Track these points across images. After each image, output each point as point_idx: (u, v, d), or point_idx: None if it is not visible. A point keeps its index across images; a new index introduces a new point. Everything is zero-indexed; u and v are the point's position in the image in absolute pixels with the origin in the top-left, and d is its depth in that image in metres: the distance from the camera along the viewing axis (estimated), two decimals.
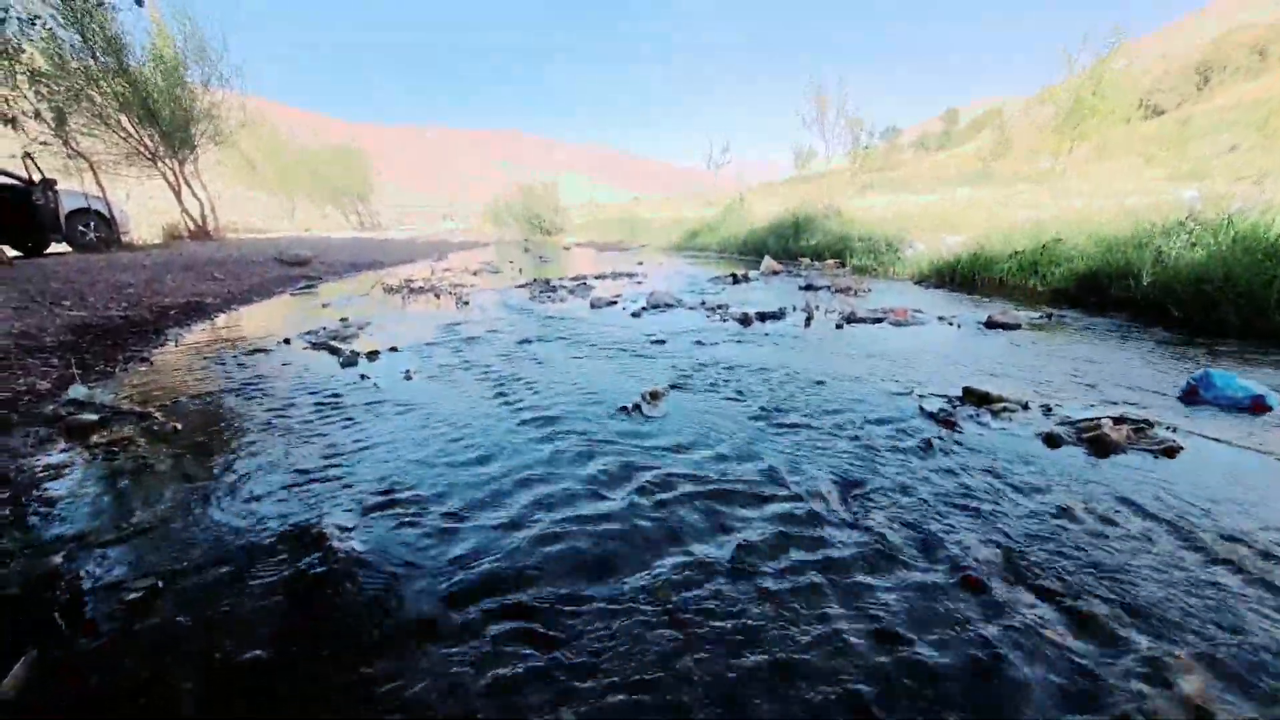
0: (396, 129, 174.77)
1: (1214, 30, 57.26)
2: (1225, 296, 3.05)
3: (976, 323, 3.33)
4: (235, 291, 5.61)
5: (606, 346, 2.99)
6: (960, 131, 65.94)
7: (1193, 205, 4.48)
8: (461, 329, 3.59)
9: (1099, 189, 9.22)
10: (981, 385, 2.22)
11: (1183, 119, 35.08)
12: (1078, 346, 2.81)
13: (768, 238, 8.01)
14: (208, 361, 2.93)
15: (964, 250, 5.07)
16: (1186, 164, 16.13)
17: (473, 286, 5.79)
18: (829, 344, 2.99)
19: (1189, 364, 2.48)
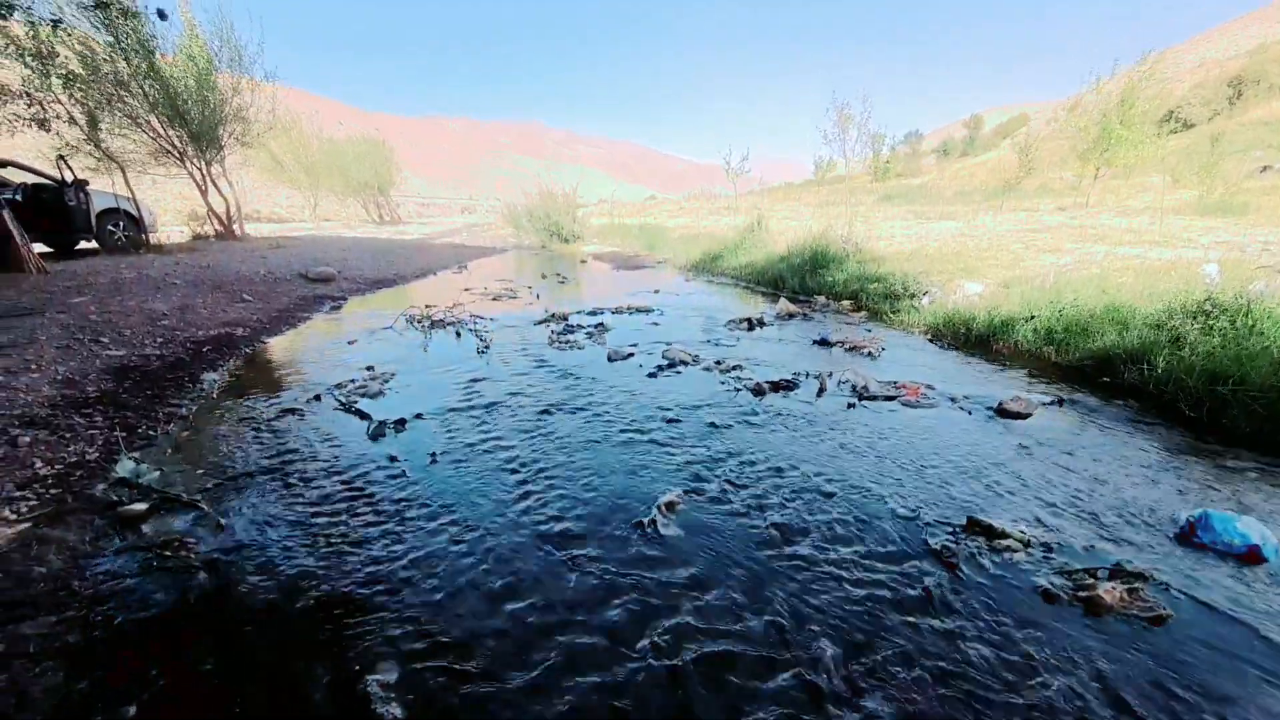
0: (418, 120, 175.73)
1: (1248, 41, 55.74)
2: (1238, 400, 3.08)
3: (987, 409, 3.37)
4: (264, 319, 5.79)
5: (625, 426, 3.09)
6: (984, 137, 65.01)
7: (1211, 282, 4.46)
8: (483, 388, 3.71)
9: (1122, 232, 9.13)
10: (987, 507, 2.29)
11: (1215, 134, 34.31)
12: (1083, 453, 2.85)
13: (785, 270, 8.04)
14: (243, 426, 3.08)
15: (980, 310, 5.10)
16: (1217, 189, 15.80)
17: (492, 321, 5.91)
18: (839, 431, 3.06)
19: (1193, 486, 2.52)
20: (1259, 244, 7.43)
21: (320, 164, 28.42)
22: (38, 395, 3.25)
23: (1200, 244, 7.45)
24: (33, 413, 3.03)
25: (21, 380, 3.42)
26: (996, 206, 17.80)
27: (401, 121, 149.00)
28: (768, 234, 11.36)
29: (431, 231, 27.57)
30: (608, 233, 20.84)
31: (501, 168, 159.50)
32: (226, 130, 14.65)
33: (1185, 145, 36.50)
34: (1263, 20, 65.78)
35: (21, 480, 2.42)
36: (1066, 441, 2.98)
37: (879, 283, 6.75)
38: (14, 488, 2.38)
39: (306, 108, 38.18)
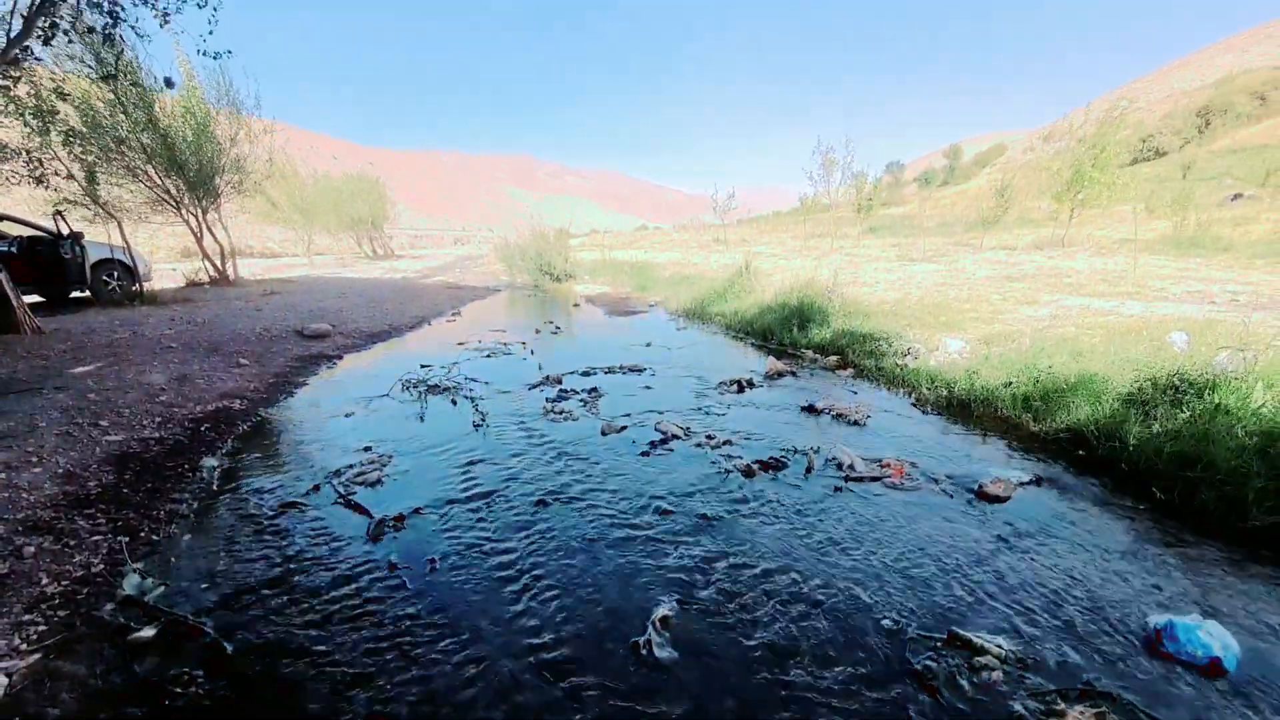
0: (412, 153, 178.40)
1: (1214, 72, 58.16)
2: (1207, 484, 3.23)
3: (968, 491, 3.50)
4: (260, 387, 5.86)
5: (619, 519, 3.18)
6: (964, 167, 67.01)
7: (1179, 350, 4.68)
8: (480, 473, 3.79)
9: (1096, 280, 9.46)
10: (968, 615, 2.40)
11: (1186, 162, 35.72)
12: (1059, 543, 2.98)
13: (773, 323, 8.24)
14: (245, 525, 3.14)
15: (961, 373, 5.28)
16: (1190, 222, 16.37)
17: (487, 385, 6.01)
18: (828, 522, 3.17)
19: (1165, 583, 2.64)
20: (1228, 294, 7.74)
21: (315, 203, 28.76)
22: (40, 495, 3.30)
23: (1172, 294, 7.74)
24: (36, 516, 3.08)
25: (24, 477, 3.47)
26: (977, 243, 18.32)
27: (395, 155, 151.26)
28: (755, 279, 11.62)
29: (424, 267, 27.81)
30: (599, 270, 21.15)
31: (493, 200, 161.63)
32: (224, 179, 14.87)
33: (1158, 173, 37.88)
34: (1226, 51, 68.82)
35: (30, 600, 2.47)
36: (1043, 529, 3.10)
37: (863, 339, 6.95)
38: (23, 609, 2.42)
39: (303, 143, 38.84)
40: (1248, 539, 2.95)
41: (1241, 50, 65.09)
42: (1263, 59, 55.71)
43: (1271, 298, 7.33)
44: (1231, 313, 6.37)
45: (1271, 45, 61.52)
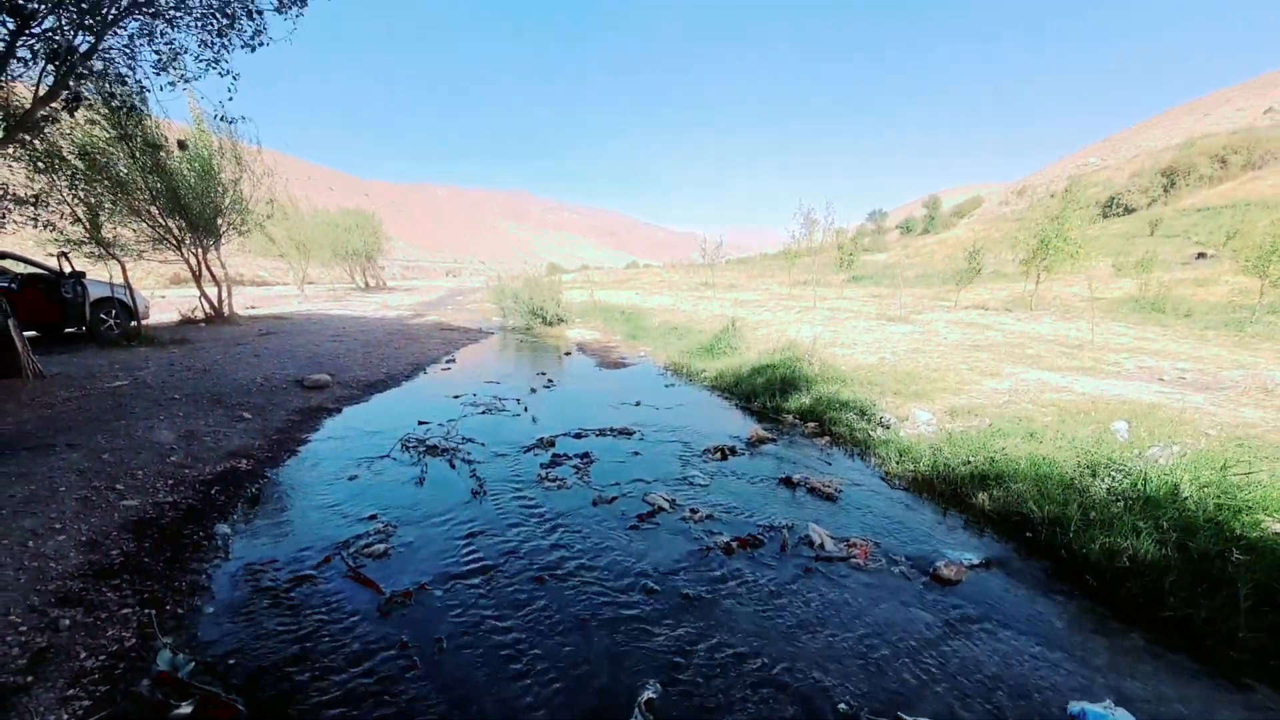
0: (407, 186, 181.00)
1: (1177, 134, 61.78)
2: (1131, 573, 3.64)
3: (924, 574, 3.88)
4: (265, 444, 6.12)
5: (610, 598, 3.49)
6: (943, 216, 69.78)
7: (1120, 439, 5.17)
8: (480, 546, 4.08)
9: (1056, 352, 10.09)
10: (914, 700, 2.74)
11: (1153, 220, 37.72)
12: (1000, 630, 3.35)
13: (757, 387, 8.69)
14: (261, 598, 3.40)
15: (927, 450, 5.72)
16: (1153, 286, 17.37)
17: (483, 447, 6.32)
18: (798, 604, 3.52)
19: (1088, 671, 3.01)
20: (1178, 371, 8.37)
21: (312, 238, 29.25)
22: (67, 565, 3.54)
23: (1125, 370, 8.35)
24: (67, 588, 3.32)
25: (49, 545, 3.70)
26: (952, 299, 19.21)
27: (391, 188, 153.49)
28: (740, 335, 12.16)
29: (417, 303, 28.19)
30: (590, 314, 21.68)
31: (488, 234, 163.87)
32: (225, 220, 15.26)
33: (1127, 229, 39.76)
34: (1189, 113, 73.22)
35: (71, 675, 2.71)
36: (988, 613, 3.47)
37: (840, 407, 7.41)
38: (66, 684, 2.66)
39: (299, 172, 39.45)
40: (1163, 628, 3.34)
41: (1203, 114, 69.58)
42: (1222, 123, 59.68)
43: (1215, 376, 7.94)
44: (1177, 393, 6.94)
45: (1230, 109, 65.85)
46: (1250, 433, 5.27)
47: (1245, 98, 68.19)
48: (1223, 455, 4.63)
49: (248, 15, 7.14)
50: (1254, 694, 2.85)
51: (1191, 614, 3.33)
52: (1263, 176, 38.78)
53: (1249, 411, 6.04)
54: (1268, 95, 63.73)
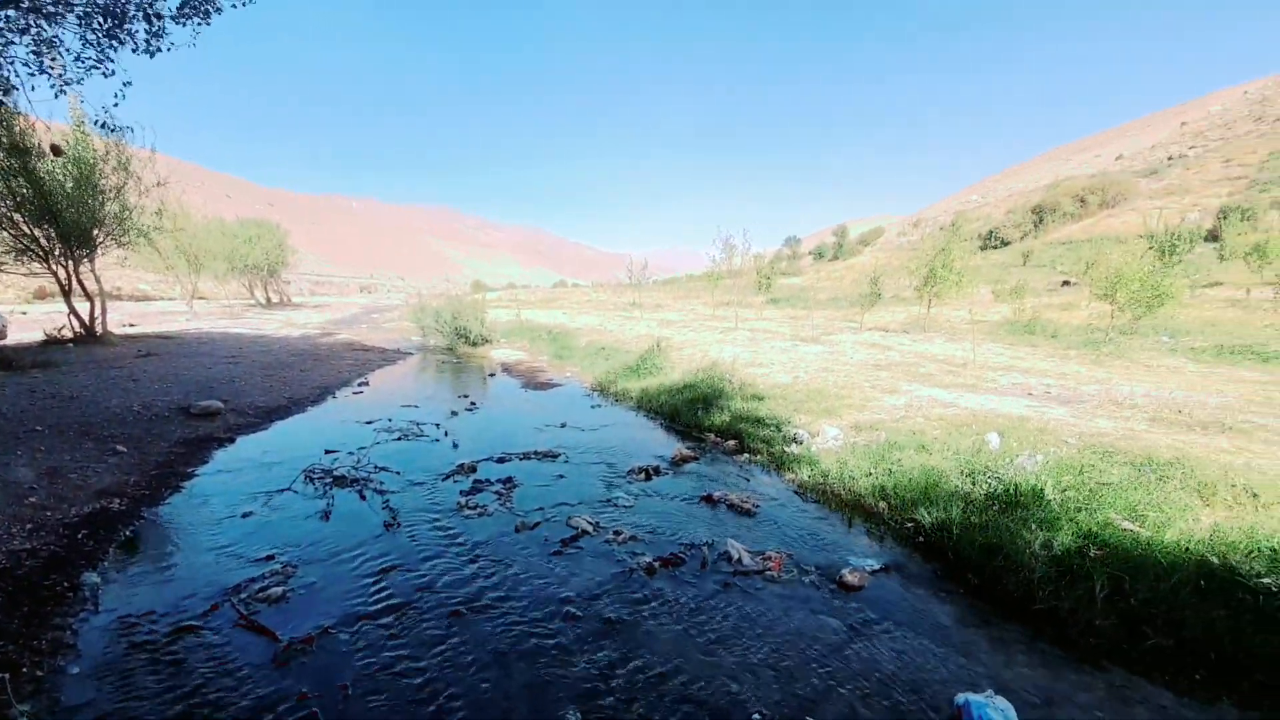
0: (319, 197, 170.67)
1: (1045, 176, 70.35)
2: (1005, 570, 4.07)
3: (832, 582, 4.13)
4: (142, 481, 5.52)
5: (531, 628, 3.44)
6: (850, 244, 75.26)
7: (992, 449, 5.78)
8: (393, 582, 3.89)
9: (945, 370, 11.10)
10: (819, 702, 2.90)
11: (1026, 251, 42.65)
12: (896, 629, 3.62)
13: (680, 405, 8.91)
14: (137, 655, 3.05)
15: (834, 463, 6.11)
16: (1026, 310, 19.60)
17: (398, 475, 6.04)
18: (717, 618, 3.63)
19: (971, 663, 3.32)
20: (1044, 386, 9.45)
21: (205, 249, 26.75)
22: None
23: (1000, 386, 9.34)
24: None
25: None
26: (858, 322, 20.71)
27: (299, 198, 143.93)
28: (665, 356, 12.44)
29: (327, 320, 26.47)
30: (516, 333, 21.32)
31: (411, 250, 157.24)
32: (103, 230, 13.74)
33: (1004, 260, 44.51)
34: (1052, 159, 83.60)
35: None
36: (887, 615, 3.75)
37: (758, 424, 7.75)
38: None
39: (192, 178, 35.92)
40: (1035, 620, 3.75)
41: (1065, 159, 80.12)
42: (1082, 167, 69.03)
43: (1075, 390, 9.06)
44: (1043, 406, 7.85)
45: (1088, 156, 76.11)
46: (1103, 440, 6.06)
47: (1101, 146, 79.17)
48: (1080, 461, 5.30)
49: (145, 19, 6.54)
50: (1112, 675, 3.24)
51: (1057, 606, 3.76)
52: (1115, 214, 45.05)
53: (1103, 422, 6.94)
54: (1118, 144, 74.38)
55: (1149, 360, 11.80)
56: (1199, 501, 4.54)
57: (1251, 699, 2.96)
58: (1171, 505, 4.39)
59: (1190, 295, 17.44)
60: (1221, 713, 2.92)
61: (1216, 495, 4.56)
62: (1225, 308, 19.26)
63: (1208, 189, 39.83)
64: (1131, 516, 4.32)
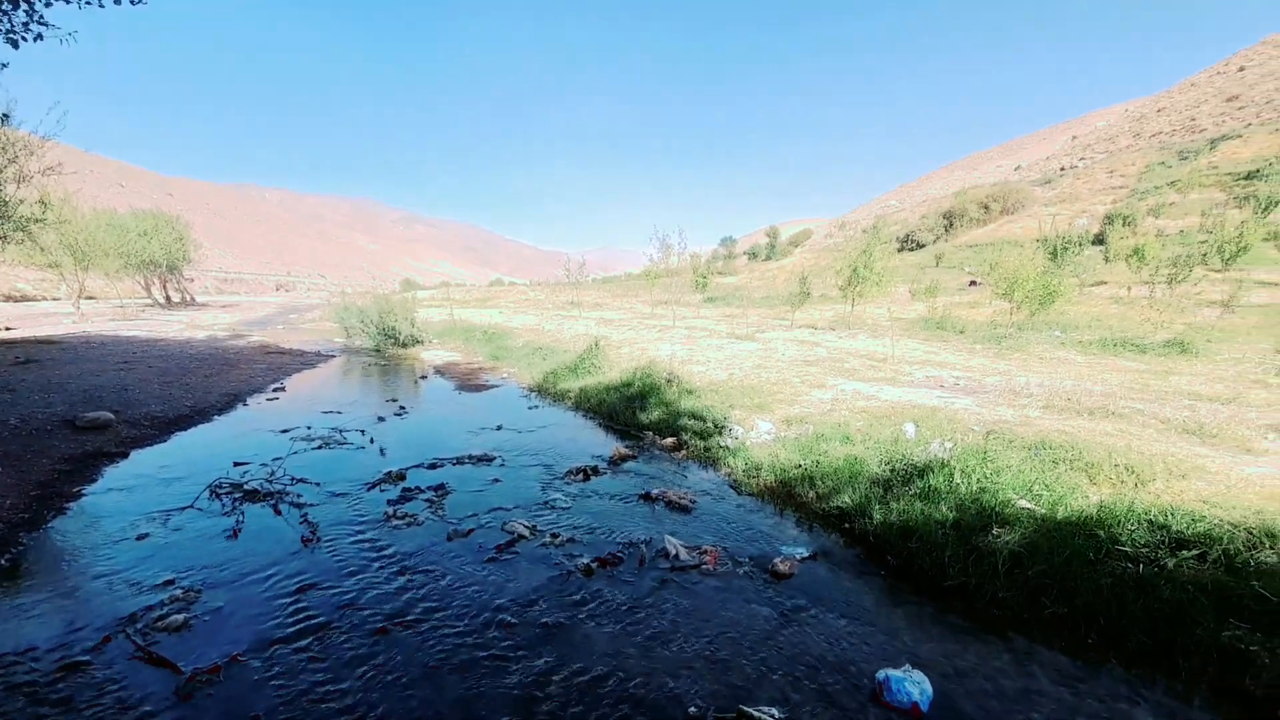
0: (227, 186, 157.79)
1: (953, 185, 75.81)
2: (919, 551, 4.35)
3: (764, 572, 4.26)
4: (19, 503, 4.93)
5: (463, 639, 3.33)
6: (782, 245, 78.19)
7: (910, 438, 6.17)
8: (312, 601, 3.65)
9: (867, 365, 11.73)
10: (754, 690, 2.99)
11: (938, 254, 45.83)
12: (824, 613, 3.79)
13: (618, 403, 8.92)
14: (12, 695, 2.71)
15: (766, 457, 6.32)
16: (939, 308, 21.06)
17: (319, 487, 5.68)
18: (654, 615, 3.66)
19: (891, 640, 3.52)
20: (953, 378, 10.17)
21: (95, 244, 23.98)
22: None
23: (916, 379, 9.98)
24: None
25: None
26: (789, 320, 21.53)
27: (205, 188, 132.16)
28: (604, 355, 12.41)
29: (236, 321, 24.55)
30: (450, 333, 20.62)
31: (328, 244, 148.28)
32: None
33: (919, 261, 47.61)
34: (960, 168, 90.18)
35: None
36: (815, 600, 3.92)
37: (695, 419, 7.89)
38: None
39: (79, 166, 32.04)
40: (947, 596, 4.03)
41: (971, 168, 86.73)
42: (985, 177, 74.96)
43: (980, 382, 9.81)
44: (952, 397, 8.46)
45: (991, 166, 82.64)
46: (1003, 427, 6.59)
47: (1002, 157, 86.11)
48: (984, 447, 5.74)
49: None
50: (1015, 643, 3.52)
51: (966, 582, 4.06)
52: (1015, 220, 49.16)
53: (1003, 410, 7.56)
54: (1016, 156, 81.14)
55: (1043, 353, 12.98)
56: (1086, 480, 5.03)
57: (1134, 658, 3.31)
58: (1063, 485, 4.84)
59: (1079, 293, 19.30)
60: (1109, 671, 3.25)
61: (1101, 474, 5.07)
62: (1109, 304, 21.49)
63: (1095, 197, 44.27)
64: (1029, 496, 4.73)
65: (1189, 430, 6.28)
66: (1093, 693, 3.06)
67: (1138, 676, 3.18)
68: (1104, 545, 3.98)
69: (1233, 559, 3.66)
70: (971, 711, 2.93)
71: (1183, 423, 6.48)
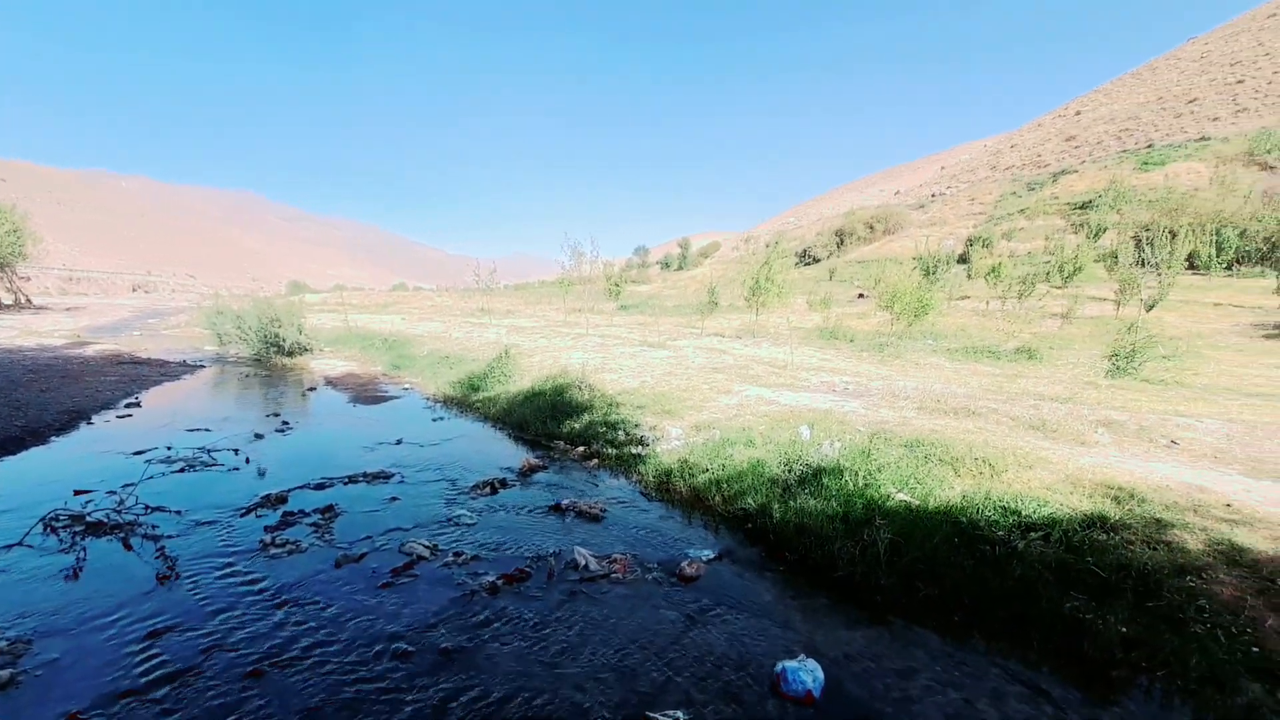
0: (74, 173, 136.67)
1: (844, 205, 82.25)
2: (812, 546, 4.64)
3: (672, 576, 4.34)
4: None
5: (351, 672, 3.08)
6: (692, 256, 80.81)
7: (805, 439, 6.59)
8: (168, 646, 3.21)
9: (769, 371, 12.39)
10: (659, 696, 3.02)
11: (831, 269, 49.50)
12: (728, 612, 3.93)
13: (529, 414, 8.74)
14: None
15: (675, 462, 6.47)
16: (832, 319, 22.74)
17: (180, 516, 5.03)
18: (562, 629, 3.60)
19: (788, 632, 3.71)
20: (844, 383, 10.98)
21: None
22: None
23: (811, 384, 10.69)
24: None
25: None
26: (699, 328, 22.28)
27: (46, 173, 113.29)
28: (515, 363, 12.12)
29: (83, 326, 21.27)
30: (345, 341, 19.18)
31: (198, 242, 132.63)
32: None
33: (815, 275, 51.05)
34: (850, 190, 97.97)
35: None
36: (720, 600, 4.05)
37: (607, 427, 7.90)
38: None
39: None
40: (837, 586, 4.32)
41: (859, 191, 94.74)
42: (871, 199, 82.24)
43: (866, 386, 10.68)
44: (842, 400, 9.14)
45: (875, 190, 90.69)
46: (884, 427, 7.21)
47: (885, 182, 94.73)
48: (868, 446, 6.25)
49: None
50: (894, 626, 3.84)
51: (853, 572, 4.37)
52: (895, 240, 54.25)
53: (885, 411, 8.28)
54: (896, 182, 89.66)
55: (918, 359, 14.40)
56: (952, 473, 5.62)
57: (994, 631, 3.71)
58: (932, 478, 5.37)
59: (947, 306, 21.64)
60: (973, 645, 3.63)
61: (964, 467, 5.69)
62: (971, 316, 24.27)
63: (959, 221, 49.96)
64: (905, 489, 5.21)
65: (1034, 426, 7.21)
66: (960, 665, 3.41)
67: (997, 648, 3.58)
68: (967, 531, 4.46)
69: (1071, 539, 4.23)
70: (858, 692, 3.15)
71: (1029, 420, 7.43)
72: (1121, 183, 27.98)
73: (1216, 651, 3.13)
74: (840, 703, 3.08)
